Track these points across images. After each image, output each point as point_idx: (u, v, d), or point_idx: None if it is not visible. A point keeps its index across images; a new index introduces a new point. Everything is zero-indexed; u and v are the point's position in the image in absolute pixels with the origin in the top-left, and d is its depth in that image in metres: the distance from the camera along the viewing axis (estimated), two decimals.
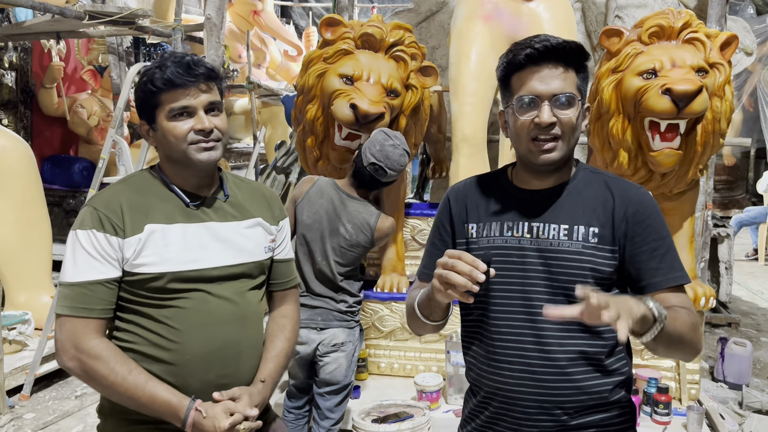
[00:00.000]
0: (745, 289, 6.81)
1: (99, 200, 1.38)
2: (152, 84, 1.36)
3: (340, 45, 2.86)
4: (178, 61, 1.36)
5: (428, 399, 2.97)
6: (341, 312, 2.47)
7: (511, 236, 1.30)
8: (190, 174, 1.43)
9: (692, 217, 3.09)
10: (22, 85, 6.62)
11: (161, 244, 1.36)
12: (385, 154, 2.39)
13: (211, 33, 4.24)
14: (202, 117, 1.38)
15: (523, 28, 3.14)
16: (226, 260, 1.43)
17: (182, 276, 1.37)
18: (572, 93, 1.24)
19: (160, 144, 1.42)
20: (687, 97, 2.49)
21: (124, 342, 1.38)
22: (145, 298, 1.37)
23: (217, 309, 1.40)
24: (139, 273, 1.35)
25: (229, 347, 1.42)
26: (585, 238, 1.25)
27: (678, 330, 1.15)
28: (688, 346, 1.21)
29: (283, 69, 8.66)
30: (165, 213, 1.39)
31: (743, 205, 9.42)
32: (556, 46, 1.22)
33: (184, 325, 1.37)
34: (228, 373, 1.42)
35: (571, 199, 1.29)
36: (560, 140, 1.25)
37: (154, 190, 1.43)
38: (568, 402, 1.27)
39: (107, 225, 1.34)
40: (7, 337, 3.81)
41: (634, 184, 1.33)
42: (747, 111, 8.67)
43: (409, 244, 3.56)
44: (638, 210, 1.27)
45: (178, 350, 1.37)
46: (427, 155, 4.59)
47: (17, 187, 4.25)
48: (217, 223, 1.44)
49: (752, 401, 3.56)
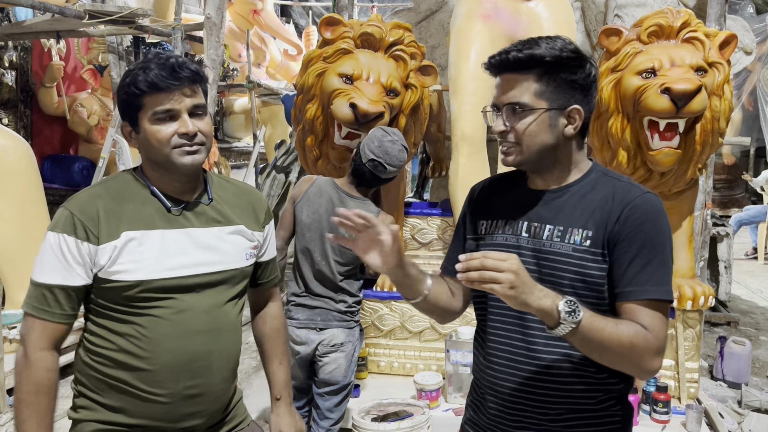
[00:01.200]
0: (744, 288, 6.82)
1: (75, 203, 1.34)
2: (135, 86, 1.32)
3: (340, 44, 2.86)
4: (162, 63, 1.32)
5: (428, 398, 2.97)
6: (341, 312, 2.46)
7: (512, 234, 1.33)
8: (172, 178, 1.40)
9: (691, 216, 3.09)
10: (22, 84, 6.62)
11: (137, 252, 1.33)
12: (384, 150, 2.39)
13: (211, 32, 4.25)
14: (186, 120, 1.34)
15: (523, 27, 3.14)
16: (205, 268, 1.40)
17: (158, 285, 1.34)
18: (522, 102, 1.24)
19: (142, 147, 1.39)
20: (686, 96, 2.50)
21: (96, 346, 1.37)
22: (120, 305, 1.34)
23: (190, 319, 1.38)
24: (113, 280, 1.32)
25: (198, 359, 1.39)
26: (577, 240, 1.24)
27: (602, 341, 1.13)
28: (613, 361, 1.18)
29: (282, 68, 8.66)
30: (144, 218, 1.36)
31: (743, 204, 9.43)
32: (508, 58, 1.25)
33: (155, 334, 1.35)
34: (197, 384, 1.39)
35: (572, 201, 1.29)
36: (517, 146, 1.28)
37: (135, 193, 1.39)
38: (551, 404, 1.29)
39: (80, 230, 1.31)
40: (7, 336, 3.82)
41: (644, 189, 1.27)
42: (746, 110, 8.68)
43: (409, 243, 3.57)
44: (632, 214, 1.22)
45: (147, 359, 1.35)
46: (426, 154, 4.59)
47: (17, 186, 4.25)
48: (198, 229, 1.41)
49: (751, 400, 3.57)
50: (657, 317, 1.19)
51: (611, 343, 1.14)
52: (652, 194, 1.27)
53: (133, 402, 1.37)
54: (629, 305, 1.20)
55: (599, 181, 1.29)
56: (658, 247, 1.21)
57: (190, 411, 1.40)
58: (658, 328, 1.18)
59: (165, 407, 1.37)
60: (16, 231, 4.23)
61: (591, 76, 1.27)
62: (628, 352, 1.15)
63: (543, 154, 1.28)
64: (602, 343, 1.14)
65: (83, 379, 1.42)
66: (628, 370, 1.21)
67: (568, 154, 1.30)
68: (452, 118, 3.32)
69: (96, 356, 1.37)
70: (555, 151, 1.29)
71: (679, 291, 3.00)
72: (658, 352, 1.17)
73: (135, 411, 1.37)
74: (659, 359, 1.18)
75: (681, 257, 3.07)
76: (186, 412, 1.40)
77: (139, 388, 1.35)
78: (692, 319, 3.07)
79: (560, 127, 1.27)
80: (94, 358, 1.38)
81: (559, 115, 1.26)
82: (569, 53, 1.24)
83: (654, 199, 1.26)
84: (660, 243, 1.22)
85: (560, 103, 1.25)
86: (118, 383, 1.36)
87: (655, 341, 1.17)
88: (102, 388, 1.38)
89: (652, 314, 1.19)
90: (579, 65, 1.25)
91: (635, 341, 1.15)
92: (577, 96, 1.26)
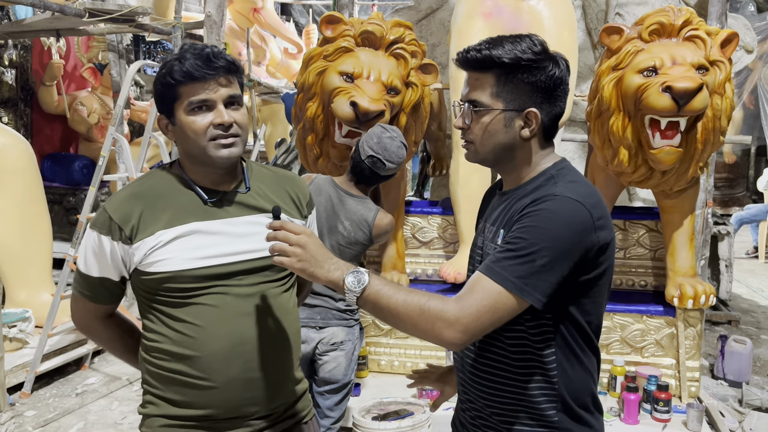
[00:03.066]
0: (745, 287, 6.81)
1: (112, 204, 1.39)
2: (171, 77, 1.33)
3: (341, 42, 2.86)
4: (197, 53, 1.33)
5: (428, 396, 2.97)
6: (340, 311, 2.46)
7: (478, 234, 1.41)
8: (208, 171, 1.41)
9: (692, 214, 3.09)
10: (22, 82, 6.62)
11: (173, 245, 1.36)
12: (383, 146, 2.39)
13: (211, 30, 4.24)
14: (221, 111, 1.35)
15: (523, 25, 3.14)
16: (244, 255, 1.41)
17: (197, 274, 1.36)
18: (479, 101, 1.26)
19: (178, 139, 1.40)
20: (687, 94, 2.49)
21: (152, 342, 1.41)
22: (166, 297, 1.38)
23: (235, 305, 1.39)
24: (154, 272, 1.35)
25: (246, 342, 1.40)
26: (498, 241, 1.26)
27: (389, 308, 1.18)
28: (407, 327, 1.19)
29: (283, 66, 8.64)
30: (181, 212, 1.38)
31: (744, 202, 9.41)
32: (467, 57, 1.28)
33: (203, 321, 1.37)
34: (252, 368, 1.40)
35: (511, 203, 1.29)
36: (473, 144, 1.32)
37: (172, 188, 1.41)
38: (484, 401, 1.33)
39: (115, 232, 1.35)
40: (8, 335, 3.82)
41: (565, 193, 1.20)
42: (748, 108, 8.66)
43: (409, 241, 3.56)
44: (525, 210, 1.20)
45: (198, 347, 1.37)
46: (427, 153, 4.58)
47: (17, 185, 4.25)
48: (236, 218, 1.42)
49: (752, 399, 3.57)
50: (476, 294, 1.17)
51: (399, 310, 1.17)
52: (567, 198, 1.19)
53: (192, 393, 1.39)
54: (474, 274, 1.21)
55: (543, 184, 1.26)
56: (529, 241, 1.16)
57: (248, 396, 1.41)
58: (469, 303, 1.16)
59: (222, 394, 1.38)
60: (17, 230, 4.23)
61: (554, 78, 1.25)
62: (417, 318, 1.16)
63: (498, 154, 1.30)
64: (389, 310, 1.18)
65: (147, 377, 1.45)
66: (425, 337, 1.19)
67: (527, 156, 1.30)
68: (453, 117, 3.31)
69: (153, 351, 1.41)
70: (512, 152, 1.29)
71: (680, 290, 2.99)
72: (453, 324, 1.14)
73: (195, 402, 1.39)
74: (455, 332, 1.14)
75: (682, 256, 3.07)
76: (244, 398, 1.41)
77: (195, 377, 1.38)
78: (693, 317, 3.06)
79: (516, 129, 1.27)
80: (152, 354, 1.42)
81: (515, 117, 1.26)
82: (530, 55, 1.23)
83: (564, 203, 1.19)
84: (533, 241, 1.16)
85: (517, 104, 1.25)
86: (176, 375, 1.39)
87: (454, 312, 1.15)
88: (163, 383, 1.41)
89: (474, 289, 1.18)
90: (540, 67, 1.24)
91: (426, 308, 1.15)
92: (536, 98, 1.25)
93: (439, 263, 3.49)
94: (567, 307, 1.24)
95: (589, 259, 1.20)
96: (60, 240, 5.48)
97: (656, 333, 3.12)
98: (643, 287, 3.38)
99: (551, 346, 1.25)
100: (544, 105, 1.26)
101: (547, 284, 1.16)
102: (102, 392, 3.80)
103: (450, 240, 3.53)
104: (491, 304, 1.16)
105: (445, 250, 3.54)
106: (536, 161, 1.30)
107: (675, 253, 3.07)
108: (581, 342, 1.27)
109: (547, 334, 1.25)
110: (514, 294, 1.15)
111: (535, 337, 1.25)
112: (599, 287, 1.26)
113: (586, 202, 1.20)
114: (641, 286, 3.39)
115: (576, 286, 1.22)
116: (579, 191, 1.22)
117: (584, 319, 1.26)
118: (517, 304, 1.17)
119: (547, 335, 1.25)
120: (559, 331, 1.25)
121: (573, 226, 1.17)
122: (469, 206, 3.19)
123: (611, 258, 1.26)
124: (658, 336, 3.12)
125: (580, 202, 1.19)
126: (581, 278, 1.22)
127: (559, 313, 1.23)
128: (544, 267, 1.15)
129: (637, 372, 3.01)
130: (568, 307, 1.24)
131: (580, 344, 1.27)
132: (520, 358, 1.27)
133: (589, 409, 1.30)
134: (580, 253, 1.18)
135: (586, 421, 1.29)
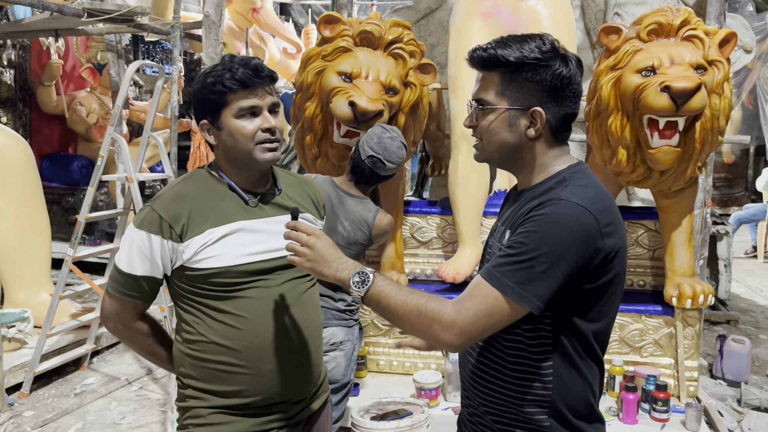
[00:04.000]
0: (744, 287, 6.81)
1: (161, 204, 1.47)
2: (222, 84, 1.44)
3: (339, 42, 2.86)
4: (245, 64, 1.45)
5: (427, 396, 2.97)
6: (340, 311, 2.46)
7: (490, 234, 1.42)
8: (248, 174, 1.52)
9: (691, 214, 3.09)
10: (21, 82, 6.61)
11: (222, 243, 1.45)
12: (384, 146, 2.39)
13: (210, 30, 4.23)
14: (267, 117, 1.47)
15: (522, 25, 3.14)
16: (282, 252, 1.45)
17: (244, 269, 1.46)
18: (485, 99, 1.28)
19: (222, 142, 1.49)
20: (685, 94, 2.49)
21: (195, 335, 1.48)
22: (211, 291, 1.46)
23: (277, 297, 1.50)
24: (202, 268, 1.44)
25: (290, 332, 1.52)
26: (504, 242, 1.26)
27: (388, 307, 1.21)
28: (406, 327, 1.22)
29: (282, 67, 8.63)
30: (226, 212, 1.48)
31: (742, 202, 9.41)
32: (474, 56, 1.29)
33: (250, 313, 1.47)
34: (292, 356, 1.52)
35: (520, 204, 1.28)
36: (481, 142, 1.32)
37: (214, 189, 1.51)
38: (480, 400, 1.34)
39: (165, 230, 1.43)
40: (7, 335, 3.82)
41: (570, 198, 1.18)
42: (746, 108, 8.66)
43: (408, 241, 3.56)
44: (529, 215, 1.19)
45: (247, 337, 1.46)
46: (426, 153, 4.59)
47: (16, 185, 4.25)
48: (274, 217, 1.53)
49: (751, 398, 3.57)
50: (474, 298, 1.17)
51: (398, 310, 1.20)
52: (571, 203, 1.17)
53: (241, 380, 1.48)
54: (474, 278, 1.22)
55: (554, 187, 1.24)
56: (529, 246, 1.15)
57: (294, 380, 1.53)
58: (467, 307, 1.16)
59: (267, 382, 1.49)
60: (15, 230, 4.22)
61: (560, 77, 1.24)
62: (415, 319, 1.18)
63: (504, 153, 1.30)
64: (390, 310, 1.21)
65: (188, 371, 1.51)
66: (423, 337, 1.23)
67: (534, 156, 1.29)
68: (452, 117, 3.31)
69: (195, 345, 1.48)
70: (518, 152, 1.29)
71: (679, 289, 2.99)
72: (449, 327, 1.15)
73: (242, 391, 1.48)
74: (451, 334, 1.16)
75: (681, 255, 3.07)
76: (291, 382, 1.53)
77: (246, 367, 1.47)
78: (692, 317, 3.07)
79: (521, 128, 1.26)
80: (194, 347, 1.49)
81: (520, 115, 1.26)
82: (537, 54, 1.22)
83: (567, 207, 1.17)
84: (533, 246, 1.15)
85: (522, 103, 1.25)
86: (224, 366, 1.47)
87: (451, 315, 1.16)
88: (208, 377, 1.49)
89: (473, 293, 1.18)
90: (545, 66, 1.23)
91: (424, 310, 1.17)
92: (542, 97, 1.24)
93: (437, 263, 3.49)
94: (569, 315, 1.22)
95: (593, 266, 1.18)
96: (59, 240, 5.48)
97: (655, 333, 3.13)
98: (641, 287, 3.39)
99: (548, 353, 1.24)
100: (550, 104, 1.25)
101: (547, 291, 1.15)
102: (101, 392, 3.80)
103: (449, 240, 3.53)
104: (488, 308, 1.16)
105: (443, 250, 3.55)
106: (547, 162, 1.29)
107: (673, 253, 3.08)
108: (581, 351, 1.25)
109: (545, 339, 1.23)
110: (512, 300, 1.15)
111: (532, 341, 1.24)
112: (607, 296, 1.23)
113: (593, 208, 1.17)
114: (640, 285, 3.39)
115: (579, 294, 1.20)
116: (586, 196, 1.19)
117: (587, 327, 1.23)
118: (515, 309, 1.16)
119: (545, 342, 1.23)
120: (558, 338, 1.23)
121: (575, 232, 1.15)
122: (467, 206, 3.19)
123: (621, 266, 1.23)
124: (657, 336, 3.13)
125: (585, 207, 1.17)
126: (585, 286, 1.19)
127: (559, 320, 1.22)
128: (543, 273, 1.14)
129: (635, 372, 3.01)
130: (569, 315, 1.22)
131: (580, 353, 1.25)
132: (515, 362, 1.27)
133: (585, 418, 1.28)
134: (583, 260, 1.16)
135: (581, 430, 1.28)
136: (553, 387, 1.25)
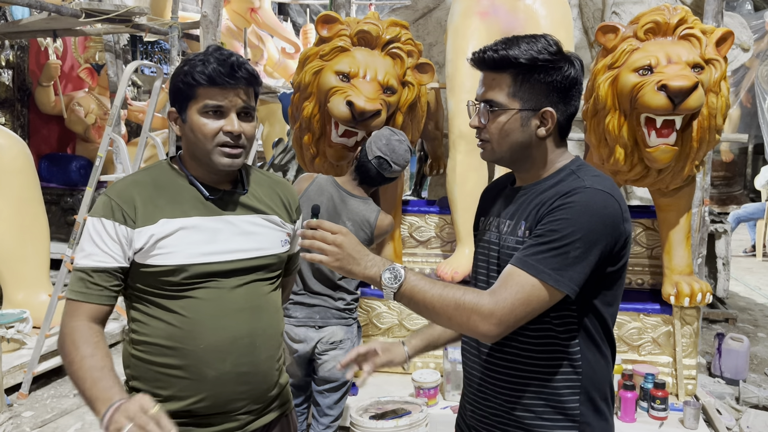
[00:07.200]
0: (742, 285, 6.83)
1: (114, 189, 1.39)
2: (192, 77, 1.35)
3: (337, 42, 2.86)
4: (222, 60, 1.35)
5: (426, 395, 2.98)
6: (339, 310, 2.47)
7: (486, 229, 1.41)
8: (210, 171, 1.43)
9: (689, 212, 3.10)
10: (19, 83, 6.60)
11: (175, 237, 1.37)
12: (392, 148, 2.42)
13: (208, 31, 4.24)
14: (233, 119, 1.38)
15: (520, 24, 3.14)
16: (243, 254, 1.43)
17: (196, 269, 1.37)
18: (496, 101, 1.28)
19: (185, 136, 1.42)
20: (682, 93, 2.50)
21: (140, 335, 1.40)
22: (159, 290, 1.38)
23: (231, 300, 1.41)
24: (152, 265, 1.35)
25: (242, 336, 1.41)
26: (520, 234, 1.28)
27: (425, 302, 1.21)
28: (443, 321, 1.22)
29: (280, 66, 8.63)
30: (182, 206, 1.40)
31: (741, 201, 9.41)
32: (484, 57, 1.28)
33: (198, 315, 1.37)
34: (243, 362, 1.42)
35: (531, 197, 1.30)
36: (489, 143, 1.32)
37: (174, 182, 1.43)
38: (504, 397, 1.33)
39: (117, 213, 1.35)
40: (5, 336, 3.82)
41: (595, 185, 1.23)
42: (745, 107, 8.67)
43: (406, 241, 3.57)
44: (555, 203, 1.22)
45: (192, 340, 1.37)
46: (424, 152, 4.59)
47: (14, 185, 4.25)
48: (235, 216, 1.45)
49: (749, 396, 3.58)
50: (510, 287, 1.19)
51: (434, 305, 1.20)
52: (597, 191, 1.21)
53: (182, 385, 1.38)
54: (506, 268, 1.23)
55: (564, 179, 1.28)
56: (563, 233, 1.18)
57: (239, 390, 1.42)
58: (503, 297, 1.18)
59: (213, 388, 1.39)
60: (13, 230, 4.22)
61: (570, 78, 1.27)
62: (453, 312, 1.19)
63: (515, 153, 1.31)
64: (425, 305, 1.21)
65: (133, 373, 1.43)
66: (461, 329, 1.25)
67: (543, 154, 1.32)
68: (450, 116, 3.32)
69: (141, 345, 1.40)
70: (529, 150, 1.31)
71: (677, 288, 3.00)
72: (488, 317, 1.17)
73: (184, 395, 1.39)
74: (490, 324, 1.17)
75: (679, 254, 3.08)
76: (235, 392, 1.42)
77: (187, 370, 1.38)
78: (690, 315, 3.07)
79: (532, 128, 1.29)
80: (139, 348, 1.40)
81: (531, 116, 1.28)
82: (546, 55, 1.24)
83: (595, 195, 1.21)
84: (568, 232, 1.18)
85: (533, 104, 1.27)
86: (166, 369, 1.38)
87: (489, 305, 1.18)
88: (151, 379, 1.40)
89: (508, 282, 1.20)
90: (556, 67, 1.25)
91: (461, 302, 1.18)
92: (552, 97, 1.27)
93: (436, 262, 3.49)
94: (591, 298, 1.26)
95: (616, 250, 1.23)
96: (57, 240, 5.47)
97: (653, 331, 3.13)
98: (639, 285, 3.39)
99: (575, 337, 1.28)
100: (559, 105, 1.28)
101: (581, 275, 1.19)
102: None
103: (447, 239, 3.53)
104: (525, 296, 1.18)
105: (442, 249, 3.55)
106: (552, 159, 1.33)
107: (671, 251, 3.08)
108: (602, 332, 1.30)
109: (571, 325, 1.27)
110: (550, 285, 1.18)
111: (560, 327, 1.27)
112: (621, 280, 1.29)
113: (615, 194, 1.23)
114: (638, 284, 3.39)
115: (602, 278, 1.25)
116: (606, 184, 1.24)
117: (605, 310, 1.29)
118: (553, 295, 1.19)
119: (571, 326, 1.27)
120: (583, 322, 1.27)
121: (605, 217, 1.20)
122: (466, 205, 3.20)
123: (629, 250, 1.30)
124: (655, 334, 3.13)
125: (610, 193, 1.22)
126: (607, 269, 1.24)
127: (583, 304, 1.26)
128: (577, 258, 1.18)
129: (634, 370, 3.02)
130: (591, 298, 1.26)
131: (600, 335, 1.30)
132: (545, 350, 1.28)
133: (608, 400, 1.33)
134: (610, 244, 1.21)
135: (603, 412, 1.32)
136: (582, 370, 1.28)
